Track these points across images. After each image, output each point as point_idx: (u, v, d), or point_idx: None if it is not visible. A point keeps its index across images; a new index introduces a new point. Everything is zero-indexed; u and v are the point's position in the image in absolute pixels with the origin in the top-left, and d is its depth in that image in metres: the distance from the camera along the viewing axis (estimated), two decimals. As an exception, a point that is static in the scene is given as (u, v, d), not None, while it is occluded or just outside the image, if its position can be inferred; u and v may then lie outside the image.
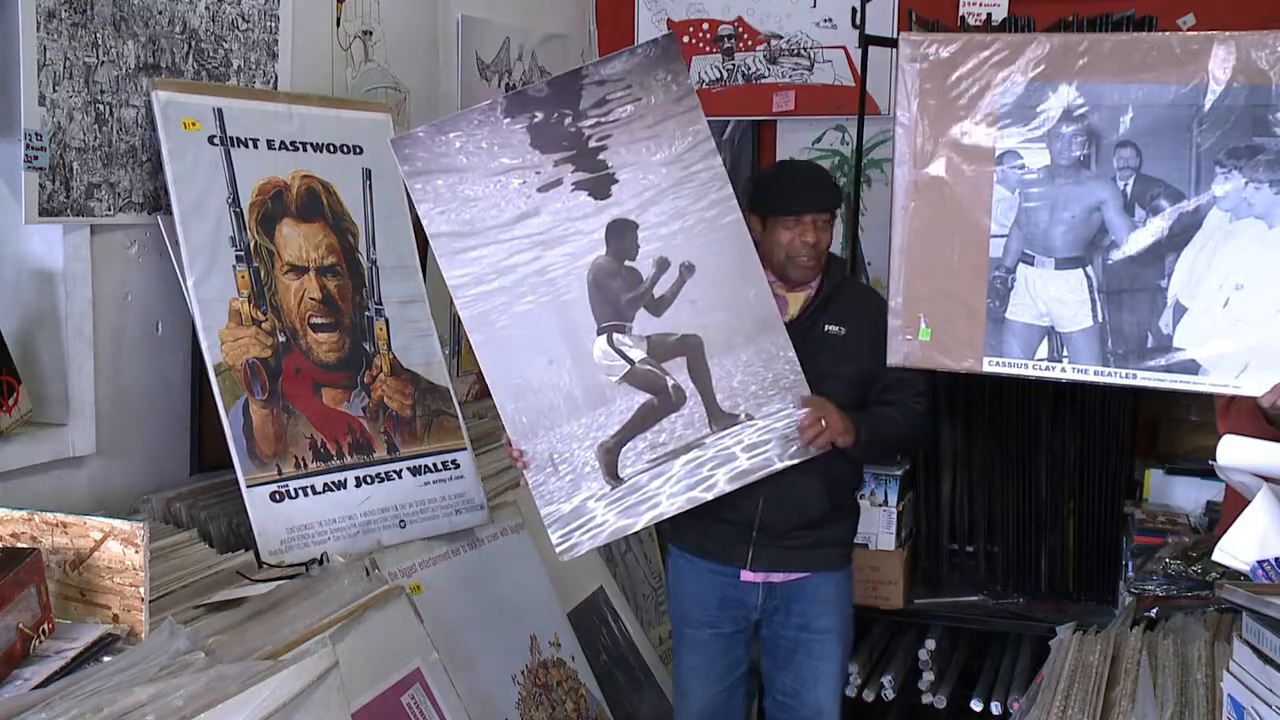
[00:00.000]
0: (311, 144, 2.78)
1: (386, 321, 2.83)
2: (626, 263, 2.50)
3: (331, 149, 2.82)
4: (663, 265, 2.51)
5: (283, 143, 2.72)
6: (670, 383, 2.52)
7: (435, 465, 2.83)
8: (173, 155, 2.51)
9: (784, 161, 4.17)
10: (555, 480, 2.50)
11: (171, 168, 2.51)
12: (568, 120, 2.42)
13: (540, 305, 2.47)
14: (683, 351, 2.53)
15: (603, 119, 2.43)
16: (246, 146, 2.64)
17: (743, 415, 2.55)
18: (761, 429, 2.54)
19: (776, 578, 2.72)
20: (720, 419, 2.54)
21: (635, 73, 2.43)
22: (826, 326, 2.73)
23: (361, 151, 2.87)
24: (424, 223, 2.47)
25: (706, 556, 2.76)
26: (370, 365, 2.78)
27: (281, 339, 2.62)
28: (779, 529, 2.67)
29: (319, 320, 2.71)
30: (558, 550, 2.51)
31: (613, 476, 2.52)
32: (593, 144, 2.44)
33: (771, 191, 2.73)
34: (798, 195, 2.77)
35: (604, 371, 2.51)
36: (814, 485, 2.65)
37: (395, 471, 2.74)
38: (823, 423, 2.53)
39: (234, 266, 2.57)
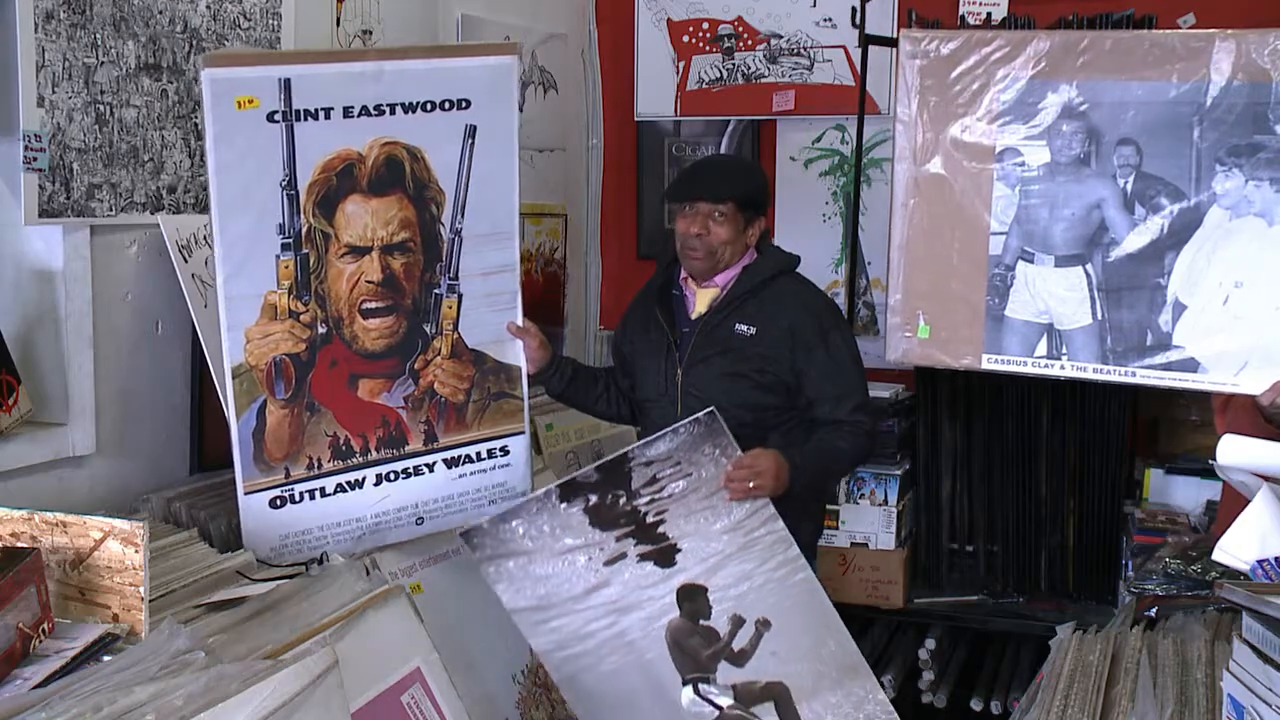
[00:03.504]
0: (402, 105, 2.51)
1: (460, 298, 2.65)
2: (702, 621, 2.55)
3: (429, 107, 2.54)
4: (738, 622, 2.53)
5: (364, 108, 2.47)
6: None
7: (477, 455, 2.71)
8: (219, 141, 2.30)
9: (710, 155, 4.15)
10: None
11: (216, 155, 2.30)
12: (622, 500, 2.52)
13: (624, 665, 2.56)
14: (770, 697, 2.55)
15: (656, 495, 2.51)
16: (315, 119, 2.41)
17: None
18: None
19: None
20: None
21: (681, 450, 2.49)
22: (736, 325, 2.67)
23: (468, 105, 2.58)
24: (502, 600, 2.56)
25: None
26: (426, 349, 2.62)
27: (322, 330, 2.50)
28: None
29: (372, 305, 2.55)
30: None
31: None
32: (650, 519, 2.52)
33: (675, 180, 2.69)
34: (686, 182, 2.73)
35: (694, 719, 2.55)
36: None
37: (427, 465, 2.65)
38: (751, 484, 2.47)
39: (278, 256, 2.41)
